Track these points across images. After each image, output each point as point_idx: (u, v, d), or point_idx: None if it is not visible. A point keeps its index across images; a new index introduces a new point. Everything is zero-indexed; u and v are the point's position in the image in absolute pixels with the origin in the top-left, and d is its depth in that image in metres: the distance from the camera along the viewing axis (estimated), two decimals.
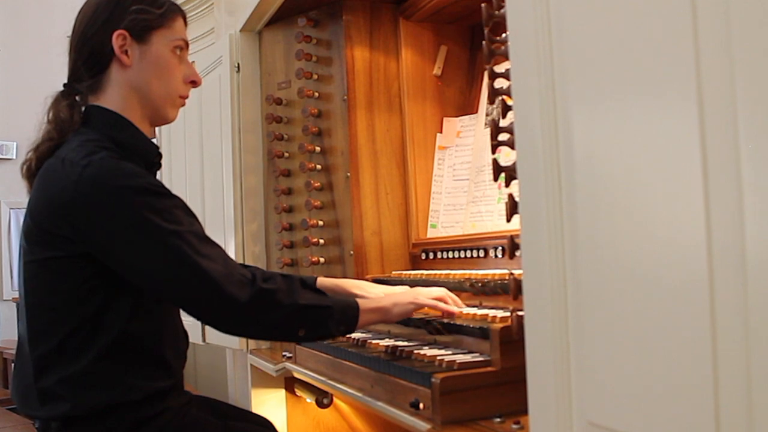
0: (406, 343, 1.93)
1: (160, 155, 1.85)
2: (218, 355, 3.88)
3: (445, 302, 1.91)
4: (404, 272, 2.47)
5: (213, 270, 1.60)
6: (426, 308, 1.90)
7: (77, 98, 1.79)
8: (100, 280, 1.62)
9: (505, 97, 1.44)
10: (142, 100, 1.79)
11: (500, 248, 2.10)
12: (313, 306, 1.71)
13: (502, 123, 1.43)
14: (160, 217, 1.58)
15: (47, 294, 1.65)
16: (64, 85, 1.81)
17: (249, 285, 1.64)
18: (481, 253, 2.19)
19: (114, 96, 1.77)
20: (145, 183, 1.61)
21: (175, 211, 1.62)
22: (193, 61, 2.70)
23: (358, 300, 1.82)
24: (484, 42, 1.49)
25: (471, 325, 1.75)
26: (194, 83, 1.87)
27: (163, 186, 1.66)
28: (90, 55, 1.77)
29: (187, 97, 1.88)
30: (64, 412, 1.61)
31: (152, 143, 1.84)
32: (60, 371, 1.62)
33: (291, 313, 1.68)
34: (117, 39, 1.75)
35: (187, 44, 1.86)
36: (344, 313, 1.76)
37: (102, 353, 1.62)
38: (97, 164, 1.60)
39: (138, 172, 1.63)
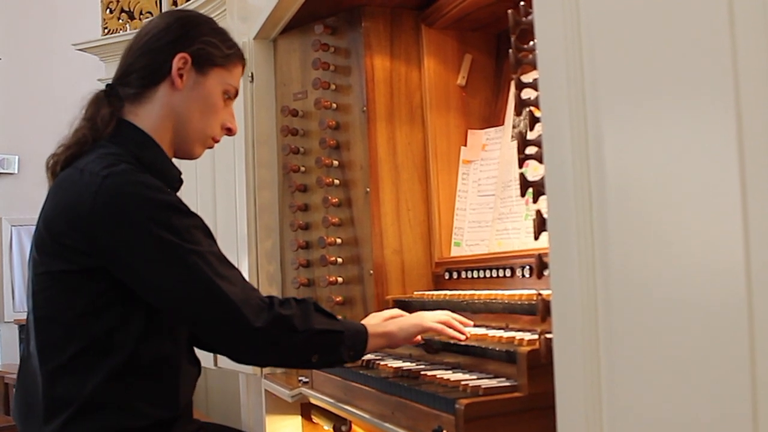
0: (428, 367, 1.93)
1: (181, 181, 1.89)
2: (231, 380, 3.88)
3: (450, 326, 1.93)
4: (426, 293, 2.47)
5: (231, 292, 1.63)
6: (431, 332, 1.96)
7: (116, 101, 1.82)
8: (112, 296, 1.65)
9: (532, 108, 1.45)
10: (177, 126, 1.83)
11: (528, 267, 2.10)
12: (326, 331, 1.77)
13: (530, 135, 1.43)
14: (179, 236, 1.62)
15: (58, 308, 1.67)
16: (108, 85, 1.84)
17: (266, 310, 1.68)
18: (508, 273, 2.19)
19: (152, 114, 1.81)
20: (167, 198, 1.66)
21: (194, 231, 1.67)
22: None
23: (366, 324, 1.88)
24: (510, 50, 1.50)
25: (497, 348, 1.75)
26: (229, 131, 1.94)
27: (183, 203, 1.69)
28: (146, 66, 1.82)
29: (218, 142, 1.94)
30: None
31: (175, 167, 1.88)
32: (68, 389, 1.64)
33: (307, 338, 1.73)
34: (178, 60, 1.80)
35: (236, 94, 1.93)
36: (354, 339, 1.82)
37: (112, 374, 1.63)
38: (117, 176, 1.63)
39: (160, 186, 1.67)
